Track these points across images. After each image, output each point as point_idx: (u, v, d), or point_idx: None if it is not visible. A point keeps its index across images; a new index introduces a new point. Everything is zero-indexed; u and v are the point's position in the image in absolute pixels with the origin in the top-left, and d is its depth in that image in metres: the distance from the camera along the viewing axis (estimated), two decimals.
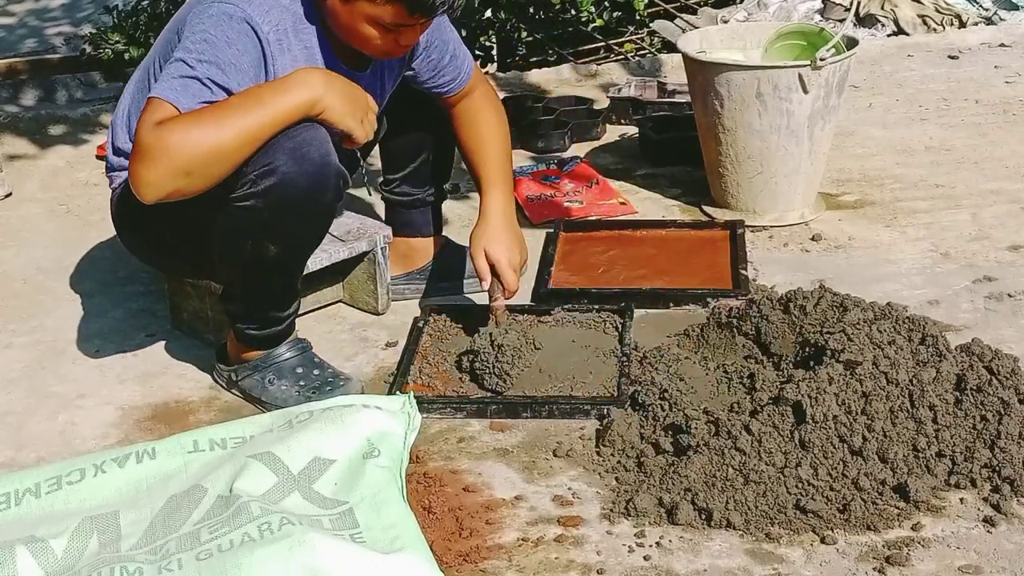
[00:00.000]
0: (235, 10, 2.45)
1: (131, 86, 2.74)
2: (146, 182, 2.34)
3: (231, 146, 2.38)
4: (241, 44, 2.44)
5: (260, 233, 2.51)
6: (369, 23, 2.50)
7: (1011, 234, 3.44)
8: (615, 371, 2.74)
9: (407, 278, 3.19)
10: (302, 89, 2.44)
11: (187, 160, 2.33)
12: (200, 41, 2.42)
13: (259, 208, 2.46)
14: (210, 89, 2.39)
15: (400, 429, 2.38)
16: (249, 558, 1.97)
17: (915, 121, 4.42)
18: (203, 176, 2.36)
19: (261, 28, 2.47)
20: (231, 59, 2.43)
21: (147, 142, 2.33)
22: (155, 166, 2.32)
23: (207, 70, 2.40)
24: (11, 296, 3.36)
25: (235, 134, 2.38)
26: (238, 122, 2.38)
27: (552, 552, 2.21)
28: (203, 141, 2.34)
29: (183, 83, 2.38)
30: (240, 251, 2.54)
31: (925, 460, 2.34)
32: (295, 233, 2.57)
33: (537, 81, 5.06)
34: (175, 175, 2.33)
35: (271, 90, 2.45)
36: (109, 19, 5.85)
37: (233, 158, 2.39)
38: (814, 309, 2.74)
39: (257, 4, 2.48)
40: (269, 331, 2.71)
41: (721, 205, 3.64)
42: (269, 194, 2.45)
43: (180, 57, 2.42)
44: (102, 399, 2.81)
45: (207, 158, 2.35)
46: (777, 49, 3.61)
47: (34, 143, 4.53)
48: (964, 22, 5.57)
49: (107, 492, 2.25)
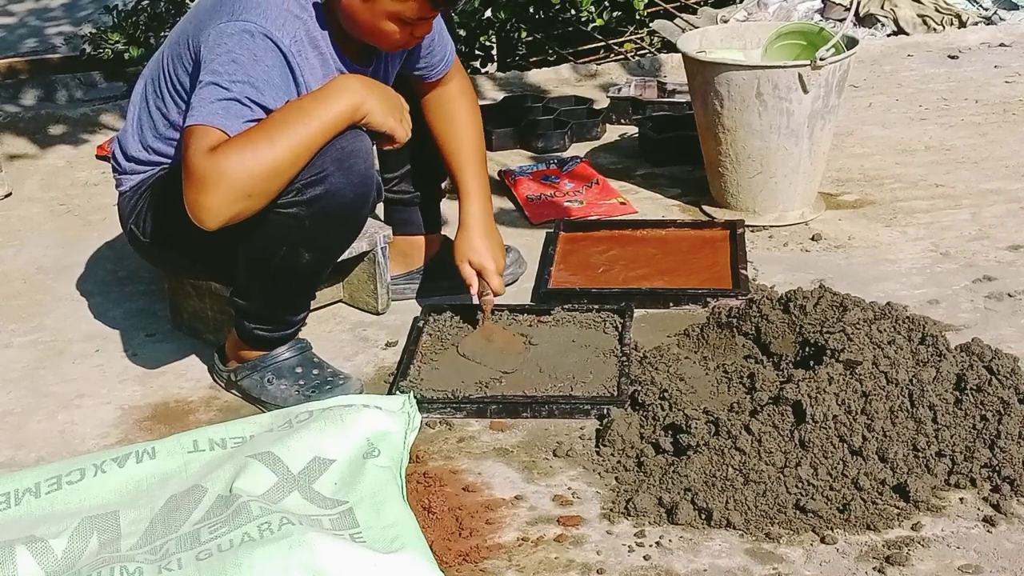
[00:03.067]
0: (254, 27, 2.45)
1: (137, 96, 2.73)
2: (207, 209, 2.34)
3: (286, 162, 2.39)
4: (268, 59, 2.45)
5: (298, 241, 2.53)
6: (390, 19, 2.52)
7: (1011, 234, 3.44)
8: (615, 371, 2.74)
9: (407, 277, 3.19)
10: (344, 96, 2.46)
11: (246, 183, 2.35)
12: (228, 62, 2.41)
13: (301, 216, 2.48)
14: (250, 108, 2.40)
15: (400, 429, 2.38)
16: (249, 558, 1.97)
17: (915, 121, 4.42)
18: (262, 196, 2.39)
19: (282, 41, 2.47)
20: (262, 75, 2.43)
21: (204, 170, 2.33)
22: (215, 193, 2.33)
23: (243, 90, 2.40)
24: (11, 296, 3.36)
25: (288, 149, 2.39)
26: (289, 137, 2.39)
27: (552, 552, 2.21)
28: (260, 162, 2.35)
29: (223, 106, 2.38)
30: (272, 256, 2.55)
31: (925, 460, 2.34)
32: (332, 242, 2.63)
33: (537, 81, 5.06)
34: (236, 199, 2.35)
35: (313, 101, 2.45)
36: (109, 19, 5.86)
37: (288, 173, 2.41)
38: (814, 309, 2.74)
39: (272, 18, 2.48)
40: (279, 333, 2.72)
41: (721, 205, 3.64)
42: (314, 204, 2.47)
43: (212, 80, 2.40)
44: (102, 399, 2.81)
45: (265, 178, 2.37)
46: (777, 49, 3.60)
47: (34, 143, 4.53)
48: (964, 22, 5.57)
49: (107, 492, 2.25)
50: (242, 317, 2.70)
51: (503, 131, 4.25)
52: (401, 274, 3.18)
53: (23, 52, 6.52)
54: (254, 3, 2.48)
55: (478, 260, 2.87)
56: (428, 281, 3.20)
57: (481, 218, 2.91)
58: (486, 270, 2.87)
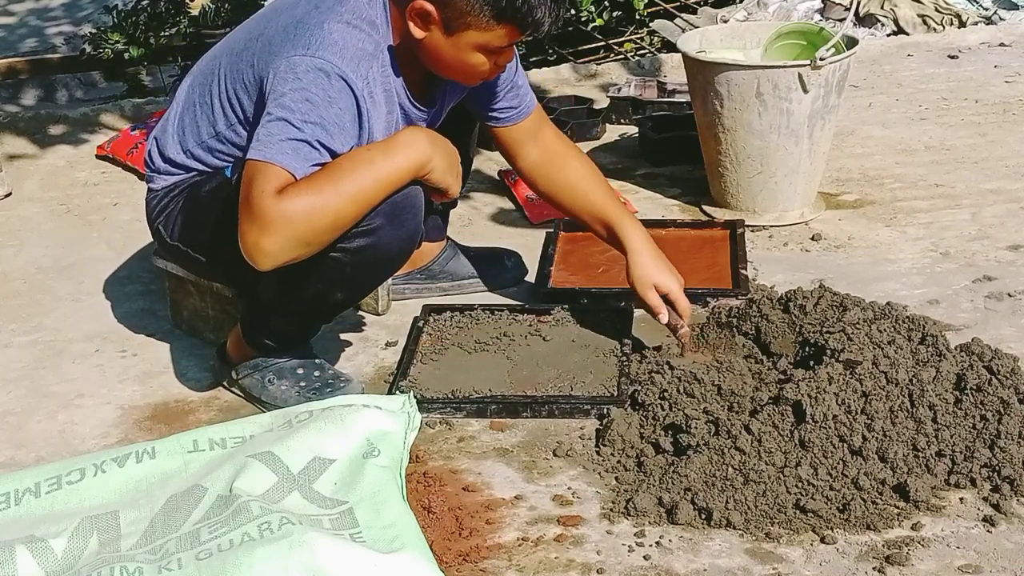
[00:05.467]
0: (330, 67, 2.40)
1: (181, 96, 2.70)
2: (266, 252, 2.33)
3: (349, 214, 2.39)
4: (342, 102, 2.41)
5: (334, 282, 2.53)
6: (477, 50, 2.49)
7: (1011, 233, 3.44)
8: (615, 371, 2.74)
9: (407, 278, 3.19)
10: (411, 151, 2.45)
11: (309, 231, 2.34)
12: (302, 100, 2.38)
13: (344, 263, 2.47)
14: (319, 152, 2.37)
15: (400, 429, 2.38)
16: (249, 558, 1.97)
17: (915, 120, 4.42)
18: (320, 244, 2.39)
19: (356, 84, 2.43)
20: (334, 119, 2.40)
21: (269, 213, 2.31)
22: (277, 237, 2.32)
23: (314, 132, 2.37)
24: (11, 296, 3.36)
25: (353, 202, 2.38)
26: (355, 189, 2.37)
27: (552, 552, 2.21)
28: (325, 211, 2.34)
29: (293, 146, 2.36)
30: (305, 292, 2.55)
31: (925, 460, 2.34)
32: (366, 285, 2.66)
33: (537, 81, 5.05)
34: (296, 246, 2.35)
35: (382, 154, 2.43)
36: (109, 19, 5.85)
37: (349, 224, 2.40)
38: (814, 309, 2.74)
39: (348, 58, 2.43)
40: (289, 347, 2.72)
41: (721, 204, 3.64)
42: (360, 253, 2.47)
43: (283, 117, 2.37)
44: (102, 399, 2.81)
45: (327, 229, 2.37)
46: (777, 49, 3.60)
47: (34, 143, 4.53)
48: (964, 22, 5.57)
49: (107, 492, 2.25)
50: (258, 327, 2.69)
51: None
52: (401, 274, 3.18)
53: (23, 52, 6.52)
54: (331, 40, 2.43)
55: (663, 282, 2.77)
56: (429, 281, 3.20)
57: (648, 241, 2.82)
58: (673, 292, 2.78)
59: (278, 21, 2.54)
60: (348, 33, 2.45)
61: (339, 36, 2.44)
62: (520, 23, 2.45)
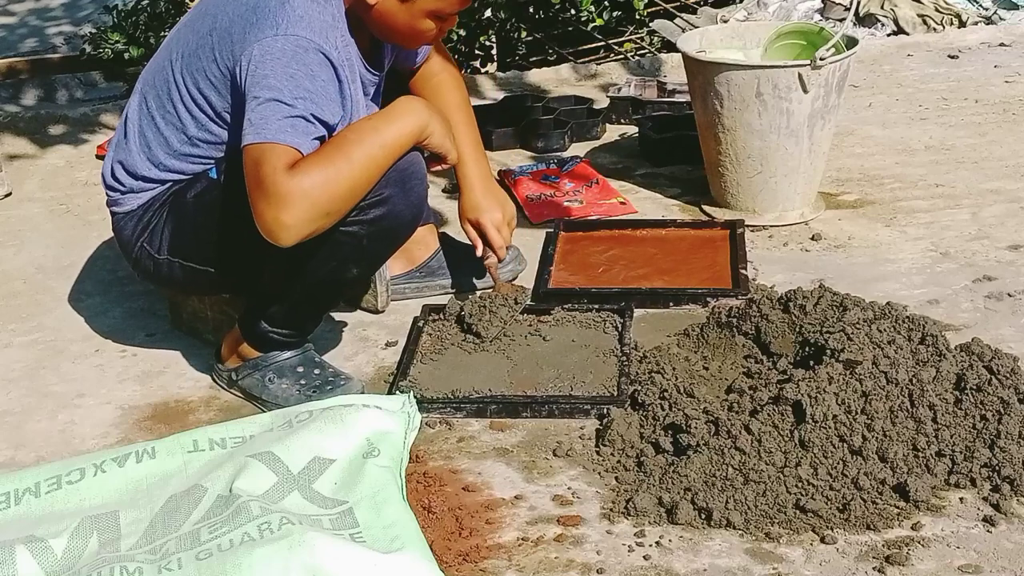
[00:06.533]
0: (306, 42, 2.44)
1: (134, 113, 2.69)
2: (288, 227, 2.36)
3: (363, 181, 2.43)
4: (324, 75, 2.46)
5: (349, 257, 2.56)
6: (429, 17, 2.56)
7: (1011, 233, 3.44)
8: (615, 371, 2.74)
9: (407, 277, 3.19)
10: (411, 117, 2.52)
11: (327, 201, 2.38)
12: (286, 78, 2.41)
13: (360, 235, 2.51)
14: (315, 125, 2.42)
15: (400, 428, 2.38)
16: (249, 558, 1.97)
17: (915, 120, 4.42)
18: (338, 214, 2.43)
19: (332, 55, 2.48)
20: (320, 90, 2.44)
21: (286, 188, 2.34)
22: (297, 211, 2.35)
23: (307, 106, 2.41)
24: (11, 296, 3.36)
25: (365, 168, 2.43)
26: (364, 156, 2.42)
27: (552, 552, 2.21)
28: (340, 180, 2.38)
29: (291, 123, 2.39)
30: (320, 270, 2.56)
31: (925, 459, 2.34)
32: (379, 258, 2.70)
33: (537, 81, 5.05)
34: (316, 217, 2.37)
35: (383, 121, 2.49)
36: (109, 19, 5.86)
37: (363, 191, 2.45)
38: (814, 308, 2.74)
39: (317, 29, 2.47)
40: (295, 339, 2.73)
41: (721, 204, 3.64)
42: (375, 224, 2.51)
43: (273, 97, 2.40)
44: (102, 398, 2.81)
45: (345, 196, 2.41)
46: (777, 48, 3.60)
47: (34, 143, 4.53)
48: (964, 22, 5.57)
49: (107, 492, 2.25)
50: (260, 320, 2.69)
51: (503, 131, 4.25)
52: (401, 273, 3.18)
53: (23, 52, 6.52)
54: (296, 16, 2.46)
55: (476, 218, 2.87)
56: (428, 279, 3.19)
57: (480, 177, 2.90)
58: (484, 226, 2.88)
59: (227, 12, 2.55)
60: (310, 7, 2.49)
61: (303, 11, 2.47)
62: None
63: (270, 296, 2.67)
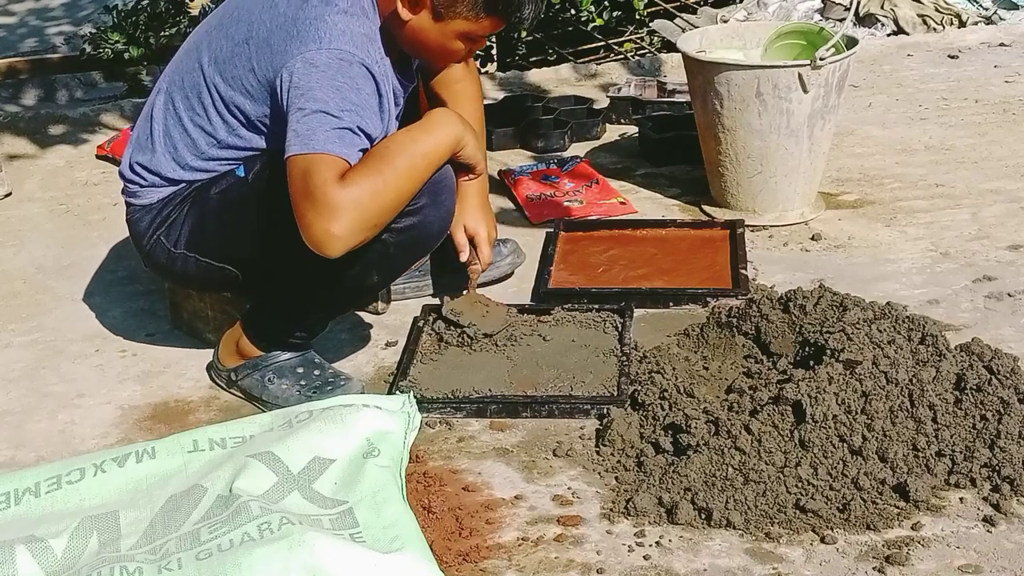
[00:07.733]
0: (349, 56, 2.46)
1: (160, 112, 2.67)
2: (338, 238, 2.37)
3: (406, 191, 2.46)
4: (367, 88, 2.48)
5: (374, 264, 2.57)
6: (459, 38, 2.57)
7: (1011, 233, 3.44)
8: (615, 371, 2.74)
9: (407, 277, 3.18)
10: (448, 128, 2.55)
11: (377, 211, 2.40)
12: (332, 91, 2.42)
13: (389, 243, 2.52)
14: (360, 137, 2.43)
15: (400, 429, 2.38)
16: (249, 558, 1.97)
17: (915, 120, 4.42)
18: (383, 224, 2.45)
19: (374, 69, 2.50)
20: (364, 103, 2.46)
21: (338, 199, 2.35)
22: (347, 220, 2.36)
23: (352, 118, 2.42)
24: (11, 296, 3.36)
25: (410, 179, 2.46)
26: (408, 166, 2.45)
27: (552, 551, 2.21)
28: (387, 191, 2.41)
29: (339, 135, 2.40)
30: (343, 275, 2.56)
31: (925, 459, 2.34)
32: (402, 267, 2.71)
33: (537, 81, 5.06)
34: (365, 228, 2.40)
35: (423, 133, 2.52)
36: (109, 19, 5.86)
37: (405, 202, 2.48)
38: (814, 308, 2.74)
39: (359, 44, 2.49)
40: (304, 341, 2.73)
41: (721, 204, 3.64)
42: (405, 233, 2.53)
43: (320, 109, 2.41)
44: (102, 398, 2.81)
45: (391, 206, 2.44)
46: (777, 48, 3.60)
47: (34, 143, 4.53)
48: (964, 21, 5.57)
49: (107, 492, 2.25)
50: (272, 319, 2.70)
51: (503, 131, 4.25)
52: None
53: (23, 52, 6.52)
54: (339, 30, 2.47)
55: (473, 227, 2.88)
56: (429, 278, 3.19)
57: (479, 191, 2.90)
58: (479, 236, 2.88)
59: (263, 22, 2.55)
60: (350, 22, 2.51)
61: (344, 26, 2.49)
62: (507, 17, 2.54)
63: (286, 297, 2.66)
